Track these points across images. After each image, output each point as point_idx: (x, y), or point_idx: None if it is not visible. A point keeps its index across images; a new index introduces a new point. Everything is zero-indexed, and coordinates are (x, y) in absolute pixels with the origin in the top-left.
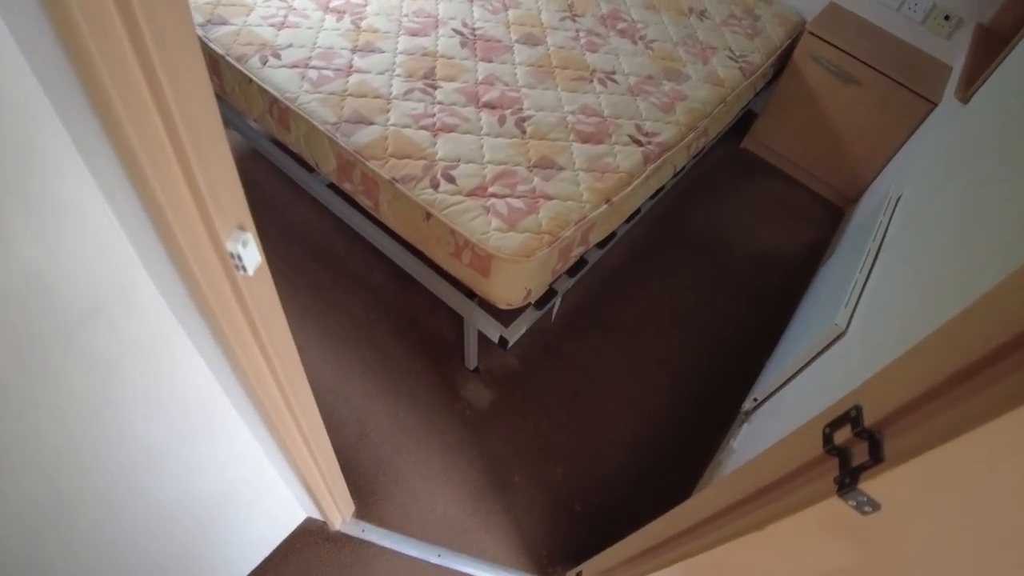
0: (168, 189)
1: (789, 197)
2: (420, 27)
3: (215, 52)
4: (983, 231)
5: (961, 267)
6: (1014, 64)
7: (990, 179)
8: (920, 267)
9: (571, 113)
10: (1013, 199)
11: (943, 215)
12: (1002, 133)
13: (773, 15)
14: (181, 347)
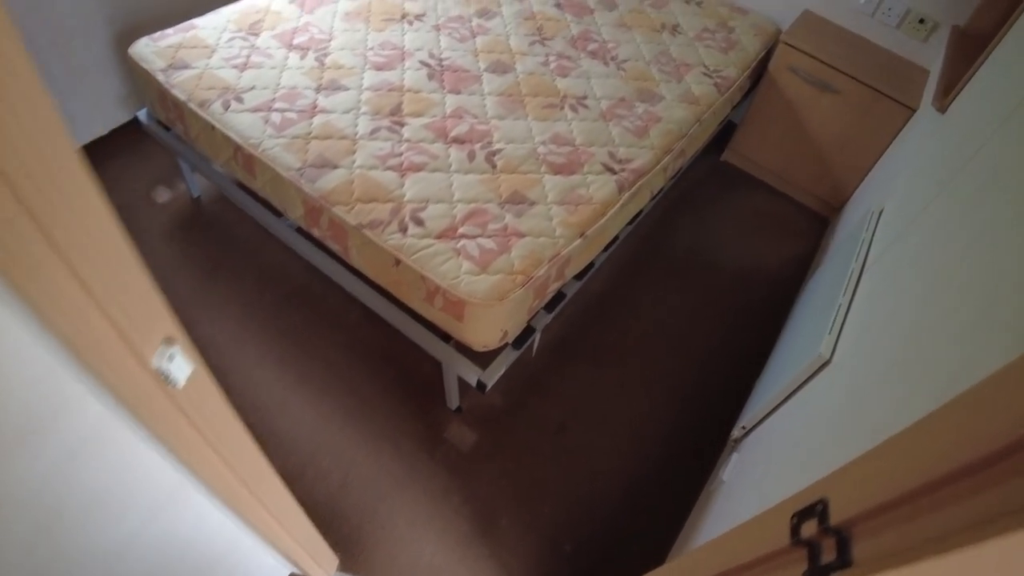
0: (78, 329)
1: (773, 209)
2: (386, 60)
3: (177, 99)
4: (961, 265)
5: (939, 304)
6: (990, 72)
7: (969, 202)
8: (901, 296)
9: (542, 144)
10: (990, 229)
11: (922, 242)
12: (980, 147)
13: (748, 26)
14: (133, 449)
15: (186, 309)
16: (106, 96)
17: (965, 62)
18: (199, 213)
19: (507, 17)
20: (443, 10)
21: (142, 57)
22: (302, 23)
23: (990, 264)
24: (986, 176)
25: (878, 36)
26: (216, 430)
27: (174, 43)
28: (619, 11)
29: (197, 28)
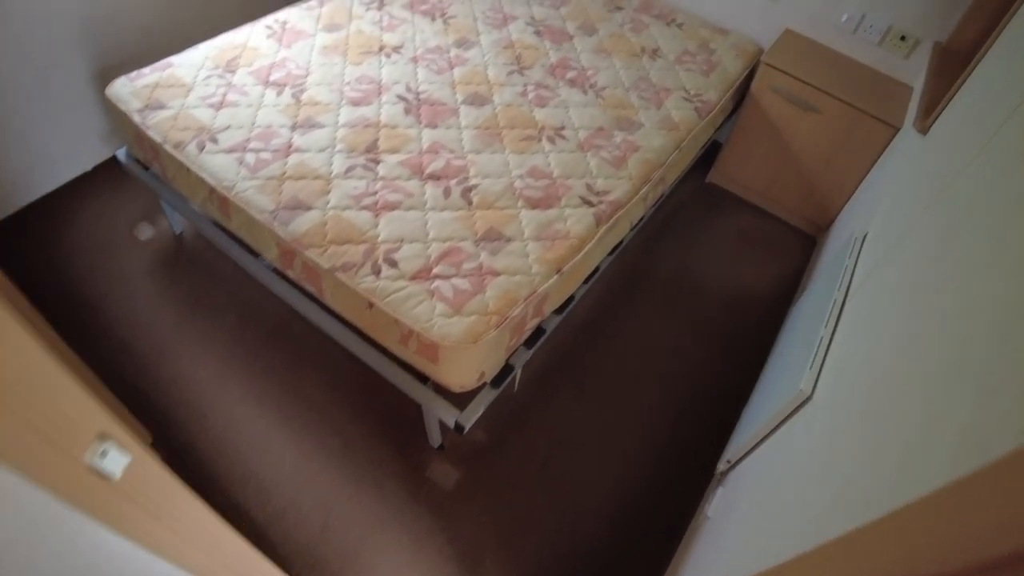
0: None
1: (760, 230)
2: (363, 95)
3: (153, 140)
4: (936, 305)
5: (913, 346)
6: (970, 93)
7: (946, 234)
8: (879, 333)
9: (519, 177)
10: (964, 266)
11: (901, 275)
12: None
13: (729, 46)
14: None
15: (168, 346)
16: (89, 132)
17: (947, 80)
18: (181, 249)
19: (485, 47)
20: (421, 41)
21: (119, 98)
22: (279, 58)
23: (963, 306)
24: (962, 207)
25: (860, 53)
26: (166, 508)
27: (151, 82)
28: (599, 36)
29: (174, 66)
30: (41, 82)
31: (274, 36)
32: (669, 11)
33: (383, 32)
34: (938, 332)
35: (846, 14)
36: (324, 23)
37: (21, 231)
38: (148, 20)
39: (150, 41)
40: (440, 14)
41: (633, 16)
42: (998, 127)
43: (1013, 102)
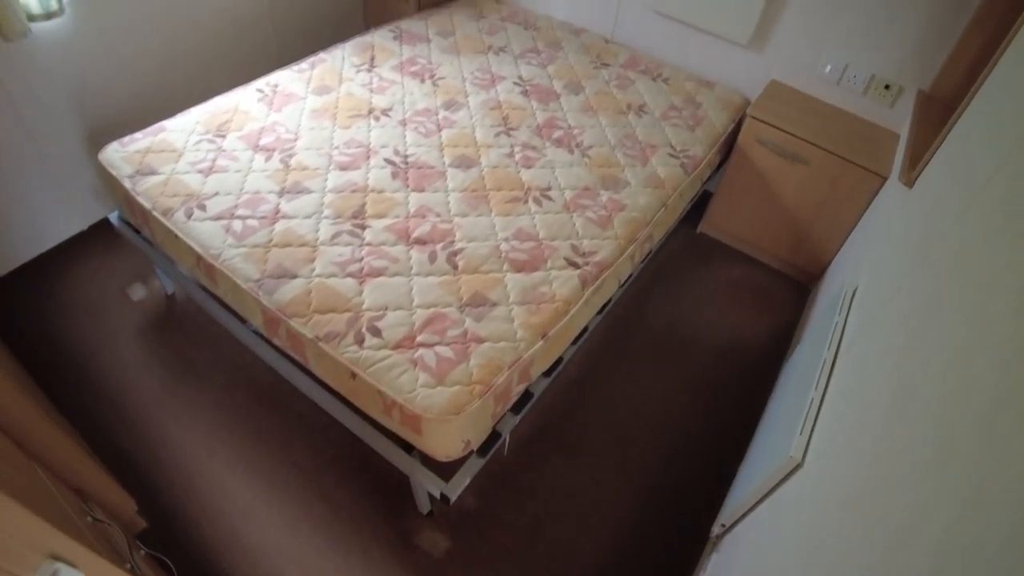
0: None
1: (752, 280)
2: (351, 159)
3: (142, 206)
4: (924, 377)
5: (900, 422)
6: (954, 147)
7: (931, 301)
8: (867, 403)
9: (505, 240)
10: (949, 339)
11: (888, 340)
12: (942, 235)
13: (715, 99)
14: None
15: (156, 408)
16: (84, 192)
17: (931, 131)
18: (172, 311)
19: (473, 108)
20: (410, 104)
21: (111, 163)
22: (269, 122)
23: (948, 390)
24: (947, 273)
25: (845, 102)
26: None
27: (142, 147)
28: (585, 94)
29: (166, 131)
30: (35, 144)
31: (265, 100)
32: (655, 66)
33: (373, 95)
34: (923, 415)
35: (829, 64)
36: (315, 85)
37: (13, 291)
38: (141, 83)
39: (143, 103)
40: (429, 76)
41: (619, 72)
42: (979, 190)
43: (992, 166)
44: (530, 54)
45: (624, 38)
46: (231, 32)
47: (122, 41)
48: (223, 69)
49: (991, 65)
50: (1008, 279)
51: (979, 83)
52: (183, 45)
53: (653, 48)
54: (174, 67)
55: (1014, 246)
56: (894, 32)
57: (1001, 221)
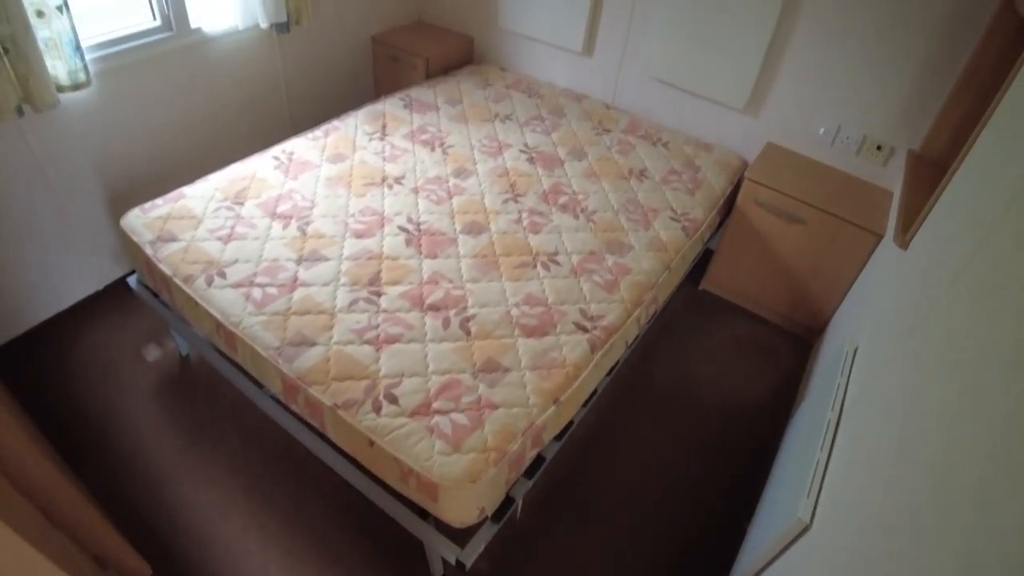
0: None
1: (754, 336)
2: (366, 227)
3: (163, 273)
4: (922, 447)
5: (901, 491)
6: (946, 210)
7: (928, 370)
8: (870, 466)
9: (515, 306)
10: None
11: (888, 404)
12: (935, 301)
13: (713, 162)
14: None
15: (170, 470)
16: (102, 253)
17: (923, 193)
18: (186, 371)
19: (482, 175)
20: (421, 171)
21: (132, 229)
22: (286, 190)
23: (945, 458)
24: (941, 341)
25: (840, 162)
26: None
27: (163, 214)
28: (588, 160)
29: (186, 197)
30: (57, 205)
31: (281, 167)
32: (655, 131)
33: (385, 163)
34: (923, 482)
35: (823, 127)
36: (329, 153)
37: (31, 350)
38: (161, 148)
39: (163, 166)
40: (439, 144)
41: (620, 138)
42: (967, 260)
43: (978, 236)
44: (535, 121)
45: (624, 104)
46: (247, 100)
47: (144, 109)
48: (239, 135)
49: (975, 134)
50: (998, 353)
51: (965, 150)
52: (201, 112)
53: (652, 113)
54: (192, 133)
55: (1001, 320)
56: (883, 96)
57: (988, 293)
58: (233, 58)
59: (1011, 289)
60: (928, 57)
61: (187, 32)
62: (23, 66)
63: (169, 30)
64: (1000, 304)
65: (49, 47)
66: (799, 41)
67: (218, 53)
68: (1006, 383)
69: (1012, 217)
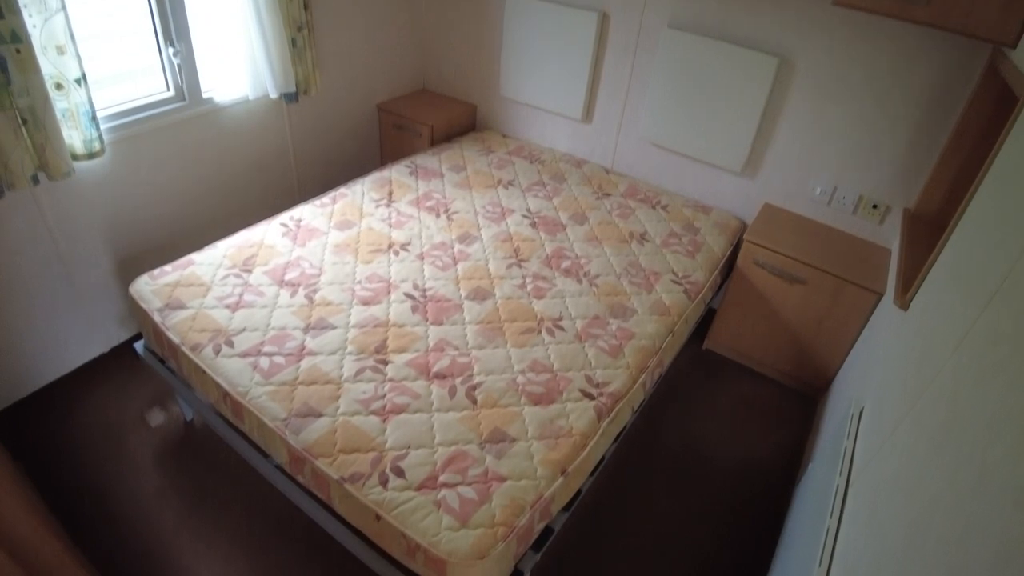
0: None
1: (760, 395)
2: (373, 294)
3: (171, 340)
4: (931, 522)
5: (911, 567)
6: (944, 272)
7: (933, 442)
8: (880, 538)
9: (521, 373)
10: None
11: (896, 473)
12: (938, 371)
13: (712, 224)
14: None
15: (173, 539)
16: (108, 316)
17: (920, 252)
18: (190, 437)
19: (486, 241)
20: (427, 238)
21: (141, 296)
22: (294, 257)
23: (956, 533)
24: (947, 409)
25: (837, 222)
26: None
27: (172, 281)
28: (589, 224)
29: (195, 264)
30: (65, 268)
31: (289, 234)
32: (654, 194)
33: (392, 229)
34: (936, 558)
35: (819, 188)
36: (336, 220)
37: (34, 413)
38: (171, 213)
39: (172, 231)
40: (444, 210)
41: (620, 202)
42: (968, 327)
43: (978, 305)
44: (536, 187)
45: (623, 168)
46: (256, 166)
47: (155, 175)
48: (248, 200)
49: (968, 198)
50: (1004, 428)
51: (959, 214)
52: (211, 178)
53: (651, 176)
54: (202, 198)
55: (1006, 393)
56: (876, 156)
57: (991, 366)
58: (243, 126)
59: (1014, 364)
60: (919, 119)
61: (199, 102)
62: (41, 136)
63: (182, 100)
64: (1004, 379)
65: (66, 118)
66: (793, 105)
67: (228, 121)
68: (1015, 460)
69: (1009, 288)
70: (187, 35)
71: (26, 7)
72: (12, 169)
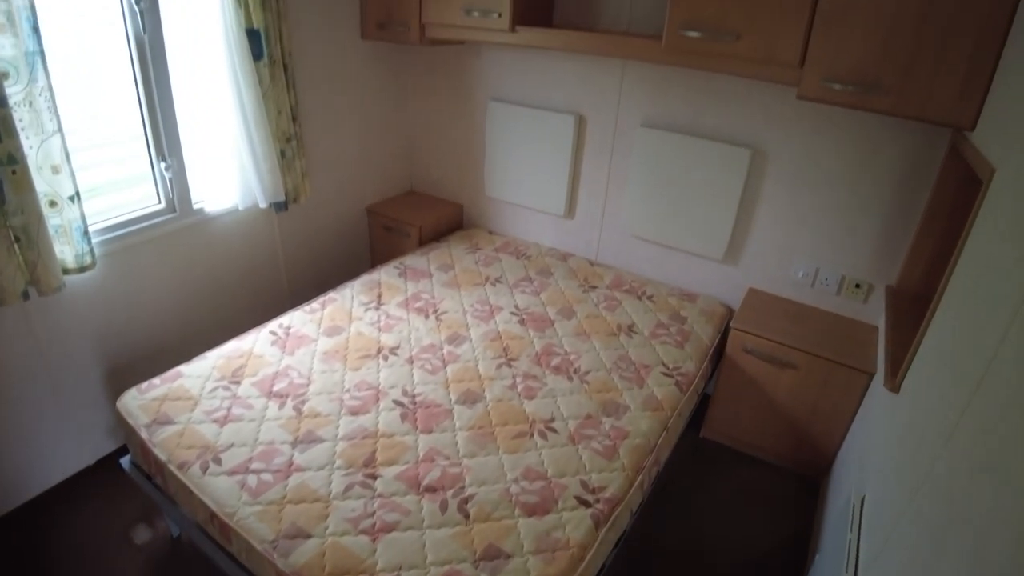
0: None
1: (759, 482)
2: (361, 403)
3: (158, 458)
4: None
5: None
6: (930, 353)
7: (933, 540)
8: None
9: (514, 481)
10: None
11: (902, 570)
12: (933, 463)
13: (699, 313)
14: None
15: None
16: (95, 427)
17: (907, 328)
18: (177, 555)
19: (475, 341)
20: (416, 340)
21: (128, 411)
22: (283, 366)
23: None
24: (944, 504)
25: (822, 303)
26: None
27: (159, 395)
28: (577, 318)
29: (183, 376)
30: (52, 379)
31: (278, 343)
32: (639, 284)
33: (381, 333)
34: None
35: (801, 270)
36: (326, 326)
37: (15, 529)
38: (160, 322)
39: (161, 341)
40: (433, 311)
41: (607, 294)
42: (959, 417)
43: (965, 394)
44: (524, 283)
45: (608, 259)
46: (246, 274)
47: (145, 286)
48: (238, 308)
49: (945, 279)
50: (1002, 526)
51: (938, 295)
52: (201, 287)
53: (635, 267)
54: (192, 307)
55: (1000, 489)
56: (854, 237)
57: (982, 460)
58: (233, 236)
59: (1003, 459)
60: (891, 199)
61: (189, 213)
62: (33, 254)
63: (173, 212)
64: (998, 474)
65: (59, 234)
66: (769, 192)
67: (218, 231)
68: (1018, 562)
69: (992, 378)
70: (179, 150)
71: (23, 130)
72: (3, 286)
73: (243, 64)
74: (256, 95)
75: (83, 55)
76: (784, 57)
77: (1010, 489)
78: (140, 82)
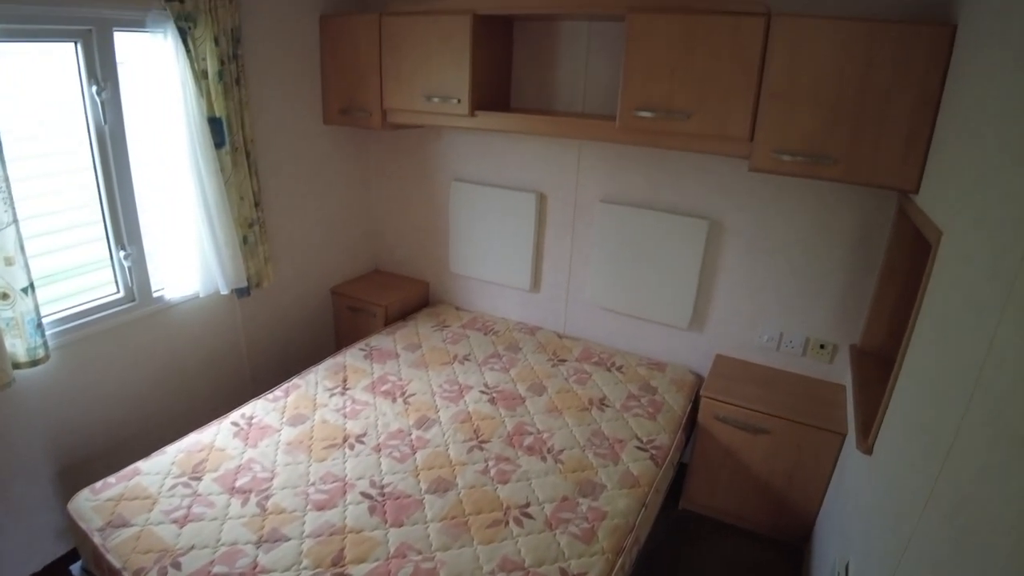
0: None
1: (743, 553)
2: (327, 497)
3: (112, 565)
4: None
5: None
6: (899, 412)
7: None
8: None
9: (491, 574)
10: None
11: None
12: (912, 532)
13: (669, 382)
14: None
15: None
16: (45, 531)
17: (874, 387)
18: None
19: (444, 423)
20: (383, 426)
21: (80, 514)
22: (245, 460)
23: None
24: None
25: (789, 365)
26: None
27: (115, 495)
28: (548, 394)
29: (141, 474)
30: (2, 484)
31: (240, 434)
32: (608, 356)
33: (347, 420)
34: None
35: (766, 335)
36: (289, 415)
37: None
38: (117, 415)
39: (118, 434)
40: (400, 393)
41: (576, 367)
42: (933, 487)
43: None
44: (492, 359)
45: (575, 331)
46: (207, 362)
47: (102, 378)
48: (200, 397)
49: (906, 340)
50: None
51: (900, 358)
52: (161, 377)
53: (603, 337)
54: (151, 399)
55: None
56: (816, 299)
57: (959, 532)
58: (194, 323)
59: (982, 533)
60: (848, 261)
61: (149, 301)
62: None
63: (132, 300)
64: (974, 550)
65: (10, 327)
66: (728, 261)
67: (179, 319)
68: None
69: (962, 447)
70: (138, 238)
71: None
72: None
73: (205, 152)
74: (218, 182)
75: (42, 143)
76: (734, 133)
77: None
78: (100, 172)
